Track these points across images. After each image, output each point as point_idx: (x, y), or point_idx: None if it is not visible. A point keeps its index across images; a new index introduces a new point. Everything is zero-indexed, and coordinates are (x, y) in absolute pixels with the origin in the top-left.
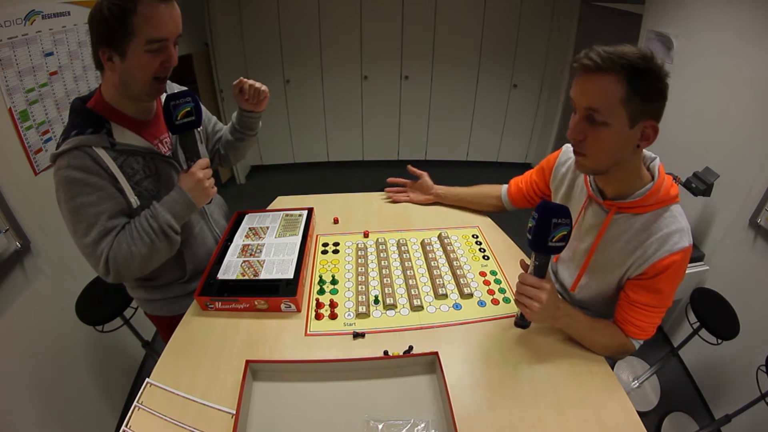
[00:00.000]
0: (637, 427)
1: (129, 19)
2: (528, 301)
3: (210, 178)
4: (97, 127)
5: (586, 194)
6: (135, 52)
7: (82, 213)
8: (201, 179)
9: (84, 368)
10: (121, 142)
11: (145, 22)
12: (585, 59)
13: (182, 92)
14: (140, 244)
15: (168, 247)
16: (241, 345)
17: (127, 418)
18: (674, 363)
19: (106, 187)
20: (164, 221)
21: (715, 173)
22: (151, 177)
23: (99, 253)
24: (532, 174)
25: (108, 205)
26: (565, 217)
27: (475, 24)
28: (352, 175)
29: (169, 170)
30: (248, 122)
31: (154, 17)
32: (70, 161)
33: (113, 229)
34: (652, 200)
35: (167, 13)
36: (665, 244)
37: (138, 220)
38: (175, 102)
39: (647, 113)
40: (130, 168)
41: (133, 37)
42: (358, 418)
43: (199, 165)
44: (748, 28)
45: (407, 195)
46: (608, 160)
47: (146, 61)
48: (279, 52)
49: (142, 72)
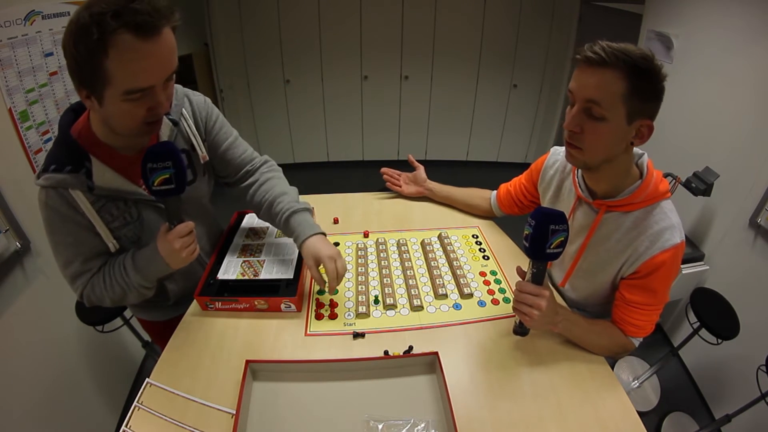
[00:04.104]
0: (637, 427)
1: (100, 62)
2: (527, 309)
3: (189, 246)
4: (77, 166)
5: (575, 195)
6: (112, 101)
7: (61, 249)
8: (177, 250)
9: (84, 368)
10: (101, 186)
11: (120, 68)
12: (589, 52)
13: (164, 151)
14: (112, 291)
15: (141, 296)
16: (241, 345)
17: (127, 418)
18: (674, 363)
19: (81, 232)
20: (136, 280)
21: (715, 173)
22: (132, 224)
23: (75, 287)
24: (521, 178)
25: (84, 248)
26: (563, 223)
27: (475, 24)
28: (352, 175)
29: (154, 215)
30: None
31: (132, 62)
32: (48, 200)
33: (88, 270)
34: (642, 197)
35: (151, 54)
36: (657, 242)
37: (112, 269)
38: (153, 165)
39: (644, 112)
40: (109, 214)
41: (108, 85)
42: (358, 418)
43: (177, 233)
44: (748, 28)
45: (399, 185)
46: (602, 155)
47: (128, 109)
48: (279, 52)
49: (126, 120)
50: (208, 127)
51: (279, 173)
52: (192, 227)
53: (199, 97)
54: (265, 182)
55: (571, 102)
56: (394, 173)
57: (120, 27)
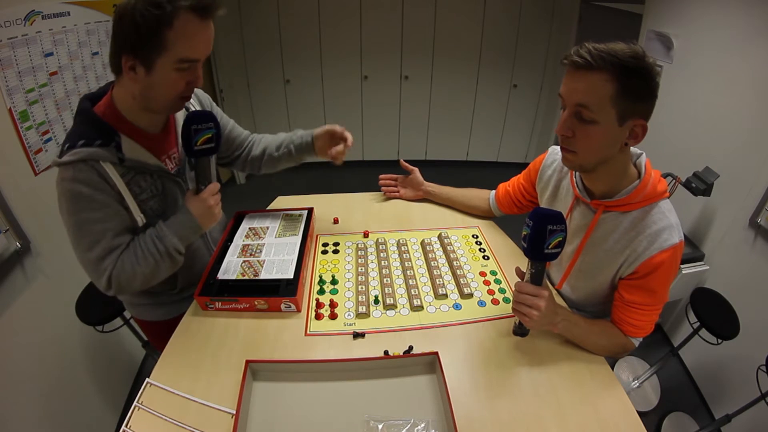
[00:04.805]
0: (637, 427)
1: (163, 32)
2: (527, 310)
3: (218, 203)
4: (106, 140)
5: (572, 195)
6: (163, 68)
7: (87, 228)
8: (211, 206)
9: (84, 368)
10: (131, 158)
11: (180, 38)
12: (575, 56)
13: (204, 114)
14: (144, 264)
15: (171, 267)
16: (241, 345)
17: (127, 418)
18: (674, 363)
19: (112, 204)
20: (171, 244)
21: (715, 173)
22: (158, 197)
23: (102, 270)
24: (520, 177)
25: (114, 222)
26: (560, 223)
27: (475, 24)
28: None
29: (175, 189)
30: (309, 155)
31: (191, 35)
32: (76, 174)
33: (118, 247)
34: (640, 197)
35: (204, 33)
36: (655, 242)
37: (143, 240)
38: (197, 126)
39: (637, 112)
40: (138, 186)
41: (165, 52)
42: (358, 418)
43: (210, 191)
44: (748, 28)
45: (398, 190)
46: (596, 157)
47: (173, 79)
48: (279, 52)
49: (167, 90)
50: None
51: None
52: (219, 186)
53: (203, 93)
54: (263, 137)
55: (562, 106)
56: (390, 180)
57: (188, 6)
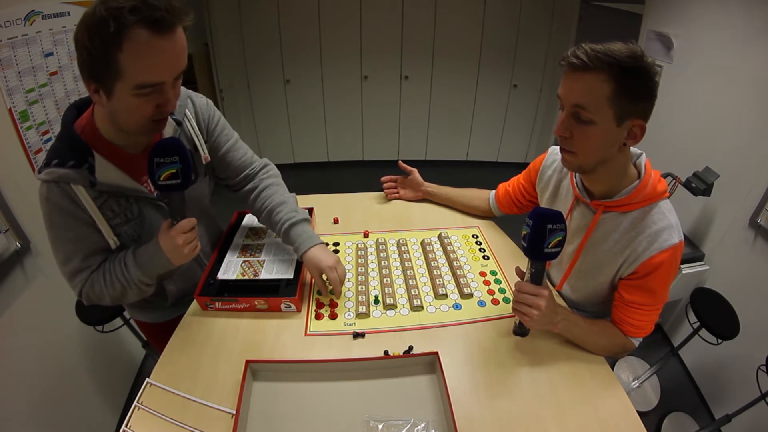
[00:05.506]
0: (637, 427)
1: (114, 56)
2: (527, 309)
3: (191, 242)
4: (79, 161)
5: (572, 195)
6: (122, 94)
7: (60, 245)
8: (179, 245)
9: (84, 368)
10: (103, 182)
11: (133, 62)
12: (572, 57)
13: (171, 146)
14: (112, 289)
15: (140, 294)
16: (241, 345)
17: (127, 418)
18: (674, 363)
19: (81, 228)
20: (136, 277)
21: (715, 173)
22: (133, 221)
23: (74, 284)
24: (520, 177)
25: (84, 243)
26: (560, 222)
27: (475, 24)
28: (352, 175)
29: (155, 214)
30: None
31: (146, 57)
32: (49, 194)
33: (87, 267)
34: (640, 197)
35: (164, 51)
36: (655, 242)
37: (112, 266)
38: (159, 159)
39: (635, 112)
40: (110, 210)
41: (120, 78)
42: (358, 418)
43: (181, 228)
44: (747, 28)
45: (398, 191)
46: (595, 157)
47: (137, 104)
48: (279, 52)
49: (133, 116)
50: (210, 128)
51: (278, 179)
52: (194, 223)
53: (202, 99)
54: (264, 189)
55: (560, 107)
56: (390, 182)
57: (137, 22)
